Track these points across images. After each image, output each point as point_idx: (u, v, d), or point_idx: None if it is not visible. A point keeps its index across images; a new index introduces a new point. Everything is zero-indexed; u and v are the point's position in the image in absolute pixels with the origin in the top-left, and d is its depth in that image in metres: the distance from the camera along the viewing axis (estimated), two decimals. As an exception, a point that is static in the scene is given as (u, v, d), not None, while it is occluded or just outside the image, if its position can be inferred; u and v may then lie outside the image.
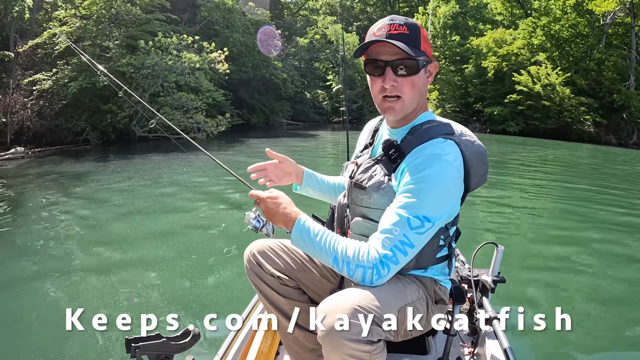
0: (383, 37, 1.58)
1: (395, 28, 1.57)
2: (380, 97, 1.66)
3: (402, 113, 1.67)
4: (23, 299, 4.73)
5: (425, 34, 1.64)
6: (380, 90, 1.64)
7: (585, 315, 4.71)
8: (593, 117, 30.76)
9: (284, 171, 2.09)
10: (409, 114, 1.71)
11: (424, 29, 1.65)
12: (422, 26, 1.63)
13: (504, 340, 2.17)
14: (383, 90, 1.63)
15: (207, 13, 27.76)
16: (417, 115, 1.73)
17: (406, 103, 1.65)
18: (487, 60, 35.07)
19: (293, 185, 2.17)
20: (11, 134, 16.94)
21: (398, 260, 1.51)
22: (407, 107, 1.66)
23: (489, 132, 33.25)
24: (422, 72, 1.63)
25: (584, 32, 32.94)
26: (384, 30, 1.58)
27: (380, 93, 1.65)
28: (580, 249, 7.06)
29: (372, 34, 1.62)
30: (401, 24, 1.58)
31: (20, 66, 19.21)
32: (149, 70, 19.11)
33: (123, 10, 19.80)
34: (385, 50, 1.59)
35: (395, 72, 1.59)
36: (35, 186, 10.97)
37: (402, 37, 1.56)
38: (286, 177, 2.10)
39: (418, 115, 1.73)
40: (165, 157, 15.70)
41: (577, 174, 16.07)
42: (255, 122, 31.16)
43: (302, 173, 2.13)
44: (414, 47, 1.57)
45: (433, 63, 1.69)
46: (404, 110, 1.67)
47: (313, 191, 2.18)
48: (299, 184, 2.15)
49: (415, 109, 1.71)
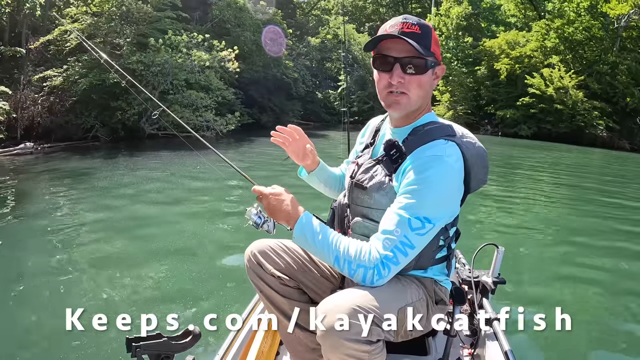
0: (395, 34, 1.59)
1: (407, 27, 1.59)
2: (385, 92, 1.66)
3: (407, 109, 1.68)
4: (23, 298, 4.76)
5: (436, 37, 1.66)
6: (386, 85, 1.65)
7: (585, 315, 4.74)
8: (606, 121, 30.43)
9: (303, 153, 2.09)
10: (412, 113, 1.72)
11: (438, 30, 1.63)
12: (434, 29, 1.65)
13: (504, 341, 2.20)
14: (389, 86, 1.64)
15: (219, 12, 27.83)
16: (420, 116, 1.74)
17: (411, 100, 1.65)
18: (499, 63, 34.81)
19: (299, 170, 2.18)
20: (21, 130, 17.16)
21: (399, 260, 1.53)
22: (412, 105, 1.67)
23: (500, 136, 33.07)
24: (429, 73, 1.64)
25: (598, 35, 32.62)
26: (397, 27, 1.59)
27: (386, 89, 1.65)
28: (580, 249, 7.07)
29: (385, 31, 1.63)
30: (414, 24, 1.59)
31: (31, 62, 19.45)
32: (159, 68, 19.21)
33: (134, 7, 19.92)
34: (395, 47, 1.60)
35: (404, 70, 1.60)
36: (40, 182, 11.09)
37: (414, 36, 1.57)
38: (300, 159, 2.11)
39: (421, 116, 1.74)
40: (172, 154, 15.78)
41: (584, 177, 15.99)
42: (265, 122, 31.19)
43: (317, 163, 2.14)
44: (424, 46, 1.58)
45: (441, 66, 1.70)
46: (409, 107, 1.67)
47: (318, 182, 2.18)
48: (309, 172, 2.15)
49: (419, 109, 1.72)
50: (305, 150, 2.08)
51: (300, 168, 2.18)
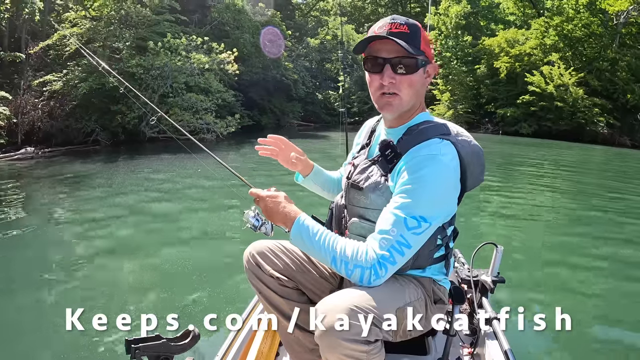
0: (384, 35, 1.59)
1: (396, 27, 1.59)
2: (378, 93, 1.67)
3: (399, 110, 1.68)
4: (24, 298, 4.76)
5: (426, 35, 1.65)
6: (378, 87, 1.65)
7: (585, 315, 4.72)
8: (607, 118, 30.39)
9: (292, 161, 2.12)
10: (406, 113, 1.72)
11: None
12: (426, 28, 1.63)
13: (504, 340, 2.19)
14: (381, 88, 1.64)
15: (218, 14, 27.85)
16: (414, 116, 1.74)
17: (403, 100, 1.65)
18: (499, 61, 34.75)
19: (295, 175, 2.21)
20: (22, 134, 17.15)
21: (395, 260, 1.52)
22: (404, 105, 1.67)
23: (501, 134, 33.01)
24: (420, 72, 1.64)
25: (597, 31, 32.57)
26: (385, 28, 1.60)
27: (378, 90, 1.66)
28: (580, 249, 7.04)
29: (373, 32, 1.63)
30: (402, 24, 1.59)
31: (31, 67, 19.47)
32: (158, 71, 19.22)
33: (133, 11, 19.94)
34: (385, 47, 1.60)
35: (394, 70, 1.60)
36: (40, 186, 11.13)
37: (403, 36, 1.57)
38: (292, 166, 2.14)
39: (415, 116, 1.74)
40: (173, 157, 15.79)
41: (585, 175, 15.95)
42: (266, 123, 31.22)
43: (311, 167, 2.16)
44: (414, 46, 1.58)
45: (432, 64, 1.70)
46: (401, 107, 1.67)
47: (315, 185, 2.20)
48: (304, 176, 2.17)
49: (412, 109, 1.72)
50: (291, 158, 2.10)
51: (296, 174, 2.20)
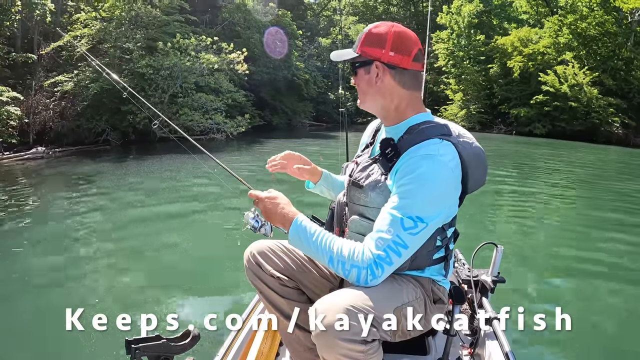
0: None
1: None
2: None
3: (363, 106, 1.74)
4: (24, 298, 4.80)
5: (370, 37, 1.66)
6: None
7: (585, 315, 4.73)
8: (622, 118, 30.02)
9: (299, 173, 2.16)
10: (390, 113, 1.72)
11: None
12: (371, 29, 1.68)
13: (504, 340, 2.19)
14: None
15: (228, 14, 27.95)
16: (407, 116, 1.70)
17: (362, 98, 1.73)
18: (512, 60, 34.46)
19: (306, 183, 2.22)
20: (34, 134, 17.44)
21: (392, 261, 1.51)
22: (364, 102, 1.73)
23: (514, 134, 32.81)
24: (361, 72, 1.69)
25: (612, 30, 32.14)
26: None
27: None
28: (581, 248, 7.02)
29: None
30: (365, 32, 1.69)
31: (43, 68, 19.75)
32: (168, 72, 19.31)
33: (143, 12, 20.07)
34: None
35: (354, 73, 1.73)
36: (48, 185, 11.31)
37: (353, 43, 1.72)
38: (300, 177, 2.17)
39: (409, 116, 1.70)
40: (184, 157, 15.77)
41: (594, 175, 15.80)
42: (277, 123, 31.32)
43: (319, 174, 2.17)
44: (354, 50, 1.69)
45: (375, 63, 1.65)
46: (363, 105, 1.74)
47: (327, 190, 2.20)
48: (314, 183, 2.19)
49: (388, 109, 1.71)
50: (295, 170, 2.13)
51: (306, 182, 2.21)
